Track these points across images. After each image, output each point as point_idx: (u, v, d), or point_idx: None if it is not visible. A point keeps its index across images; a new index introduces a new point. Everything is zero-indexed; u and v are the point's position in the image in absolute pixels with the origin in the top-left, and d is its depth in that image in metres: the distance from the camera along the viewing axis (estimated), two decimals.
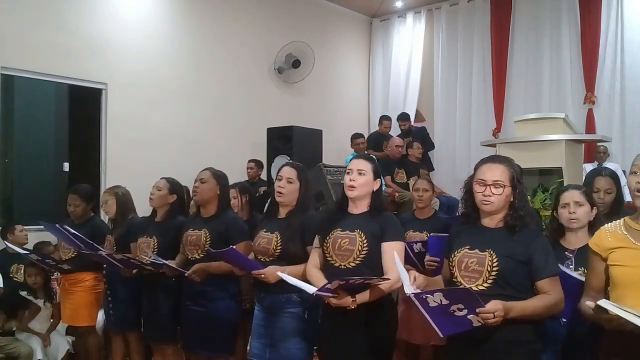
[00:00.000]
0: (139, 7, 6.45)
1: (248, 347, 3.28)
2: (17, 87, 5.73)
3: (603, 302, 1.67)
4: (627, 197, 7.07)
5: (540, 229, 2.53)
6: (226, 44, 7.27)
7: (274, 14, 7.85)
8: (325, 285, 2.17)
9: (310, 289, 2.23)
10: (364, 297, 2.24)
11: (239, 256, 2.69)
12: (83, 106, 6.19)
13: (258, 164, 6.88)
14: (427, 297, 1.81)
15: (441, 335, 1.91)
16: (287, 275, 2.31)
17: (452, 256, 2.11)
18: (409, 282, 1.94)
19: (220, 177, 3.20)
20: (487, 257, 2.01)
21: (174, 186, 3.47)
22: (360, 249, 2.35)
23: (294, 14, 8.13)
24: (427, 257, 3.18)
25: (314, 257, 2.52)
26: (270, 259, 2.66)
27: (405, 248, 2.88)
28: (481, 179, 2.06)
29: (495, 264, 1.99)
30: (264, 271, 2.56)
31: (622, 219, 1.96)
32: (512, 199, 2.06)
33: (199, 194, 3.14)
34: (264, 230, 2.76)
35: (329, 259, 2.43)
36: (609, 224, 1.97)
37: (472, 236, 2.10)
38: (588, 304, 1.79)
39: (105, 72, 6.08)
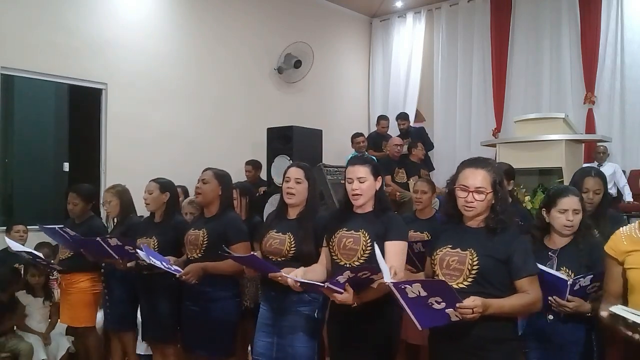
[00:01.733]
0: (139, 7, 6.45)
1: (249, 347, 3.29)
2: (17, 87, 5.73)
3: (616, 309, 1.64)
4: (627, 197, 7.03)
5: (528, 229, 2.56)
6: (226, 44, 7.27)
7: (274, 14, 7.86)
8: (336, 276, 2.17)
9: (322, 284, 2.23)
10: (365, 295, 2.24)
11: (258, 261, 2.65)
12: (83, 106, 6.19)
13: (255, 165, 6.81)
14: (406, 287, 1.84)
15: (420, 328, 1.94)
16: (302, 279, 2.29)
17: (435, 254, 2.16)
18: (388, 272, 1.97)
19: (222, 177, 3.18)
20: (467, 256, 2.06)
21: (164, 185, 3.46)
22: (364, 248, 2.37)
23: (294, 14, 8.14)
24: None
25: (322, 257, 2.55)
26: (284, 259, 2.64)
27: None
28: (463, 185, 2.11)
29: (475, 263, 2.03)
30: (281, 273, 2.48)
31: (638, 221, 1.96)
32: (493, 202, 2.10)
33: (202, 195, 3.13)
34: (275, 231, 2.74)
35: (334, 257, 2.46)
36: (624, 227, 1.97)
37: (454, 236, 2.15)
38: (602, 314, 1.77)
39: (105, 72, 6.08)
